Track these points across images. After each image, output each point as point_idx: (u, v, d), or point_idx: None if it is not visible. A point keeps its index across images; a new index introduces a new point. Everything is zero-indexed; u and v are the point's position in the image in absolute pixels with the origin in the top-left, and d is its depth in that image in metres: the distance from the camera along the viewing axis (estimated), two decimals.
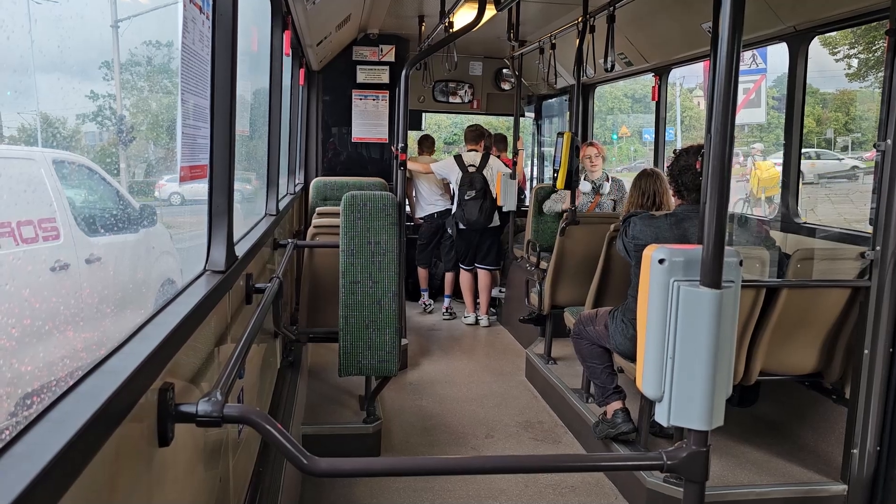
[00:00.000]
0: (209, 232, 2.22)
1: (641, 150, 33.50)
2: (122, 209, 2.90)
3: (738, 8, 1.43)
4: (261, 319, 2.32)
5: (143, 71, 2.13)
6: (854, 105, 24.75)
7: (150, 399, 1.34)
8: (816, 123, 24.71)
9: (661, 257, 1.50)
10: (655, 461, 1.58)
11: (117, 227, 3.00)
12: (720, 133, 1.45)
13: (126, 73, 1.93)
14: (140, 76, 2.13)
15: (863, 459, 3.21)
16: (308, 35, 5.43)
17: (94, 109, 1.76)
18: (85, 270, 2.62)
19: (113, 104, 1.85)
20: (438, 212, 7.38)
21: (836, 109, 25.58)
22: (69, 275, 2.52)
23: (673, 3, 4.99)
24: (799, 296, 3.33)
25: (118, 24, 1.72)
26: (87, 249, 2.65)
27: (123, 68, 1.87)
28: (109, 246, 2.92)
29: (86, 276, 2.64)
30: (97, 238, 2.87)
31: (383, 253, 3.86)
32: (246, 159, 4.14)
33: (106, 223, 2.96)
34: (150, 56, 2.08)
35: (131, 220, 2.12)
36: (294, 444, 1.51)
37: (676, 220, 3.43)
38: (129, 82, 2.03)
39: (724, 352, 1.49)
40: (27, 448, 0.92)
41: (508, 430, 4.54)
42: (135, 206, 2.38)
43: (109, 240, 3.06)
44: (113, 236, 3.10)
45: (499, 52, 8.10)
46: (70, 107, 1.80)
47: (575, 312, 4.52)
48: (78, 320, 2.13)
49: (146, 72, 2.15)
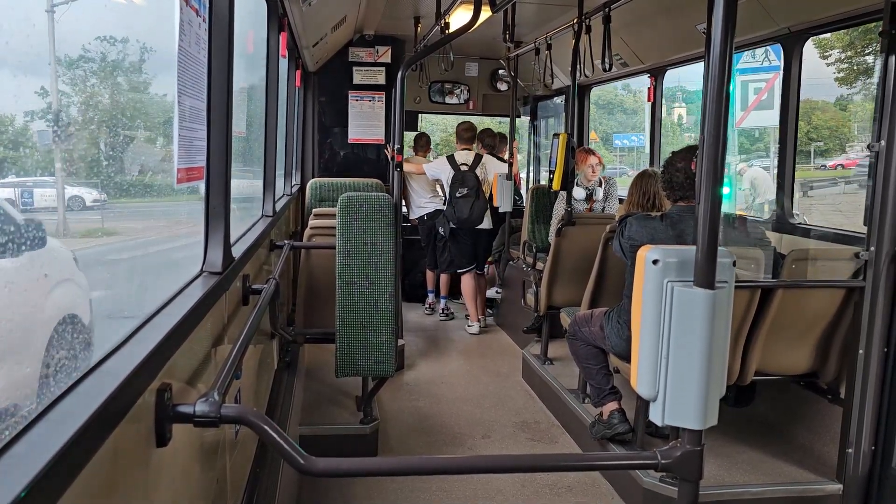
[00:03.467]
0: (206, 233, 2.23)
1: (608, 156, 33.36)
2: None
3: (730, 9, 1.44)
4: (258, 320, 2.33)
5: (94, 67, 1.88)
6: (815, 113, 25.00)
7: (147, 400, 1.35)
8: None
9: (654, 258, 1.52)
10: (650, 460, 1.59)
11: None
12: (713, 134, 1.46)
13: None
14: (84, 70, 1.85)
15: (858, 459, 3.23)
16: (304, 36, 5.43)
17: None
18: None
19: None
20: (428, 213, 7.37)
21: (801, 118, 26.01)
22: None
23: (668, 5, 5.01)
24: (794, 296, 3.35)
25: (54, 9, 1.53)
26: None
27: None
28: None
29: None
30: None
31: (380, 254, 3.86)
32: (242, 160, 4.13)
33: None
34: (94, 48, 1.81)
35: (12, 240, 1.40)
36: (291, 445, 1.52)
37: (672, 221, 3.44)
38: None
39: (717, 352, 1.50)
40: (27, 448, 0.93)
41: (505, 430, 4.55)
42: (17, 221, 1.68)
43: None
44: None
45: (495, 52, 8.11)
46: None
47: (571, 313, 4.53)
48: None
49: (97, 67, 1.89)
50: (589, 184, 5.97)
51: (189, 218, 2.47)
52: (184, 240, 2.60)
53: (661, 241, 3.41)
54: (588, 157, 5.94)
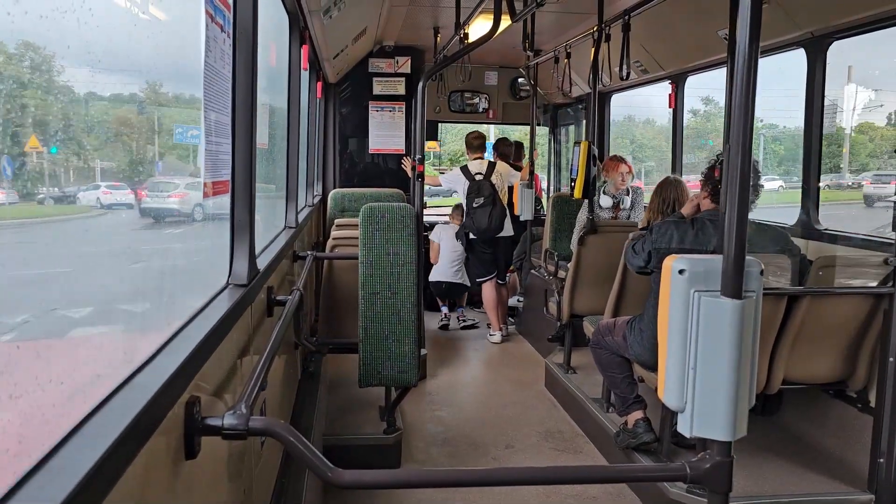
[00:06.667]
0: (231, 245, 2.25)
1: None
2: None
3: (755, 14, 1.42)
4: (282, 331, 2.34)
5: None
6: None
7: (177, 413, 1.36)
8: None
9: (681, 268, 1.50)
10: (678, 472, 1.58)
11: None
12: (739, 142, 1.45)
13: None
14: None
15: (890, 468, 3.17)
16: (325, 48, 5.48)
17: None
18: None
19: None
20: (446, 282, 7.28)
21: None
22: None
23: (688, 11, 4.99)
24: (821, 303, 3.30)
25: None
26: None
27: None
28: None
29: None
30: None
31: (402, 264, 3.87)
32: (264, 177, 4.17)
33: None
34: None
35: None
36: (318, 457, 1.53)
37: (702, 225, 3.43)
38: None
39: (746, 362, 1.48)
40: (63, 462, 0.94)
41: (529, 440, 4.53)
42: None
43: None
44: None
45: (514, 61, 8.12)
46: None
47: (594, 322, 4.50)
48: None
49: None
50: (618, 192, 5.94)
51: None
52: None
53: (688, 245, 3.40)
54: (619, 165, 5.91)
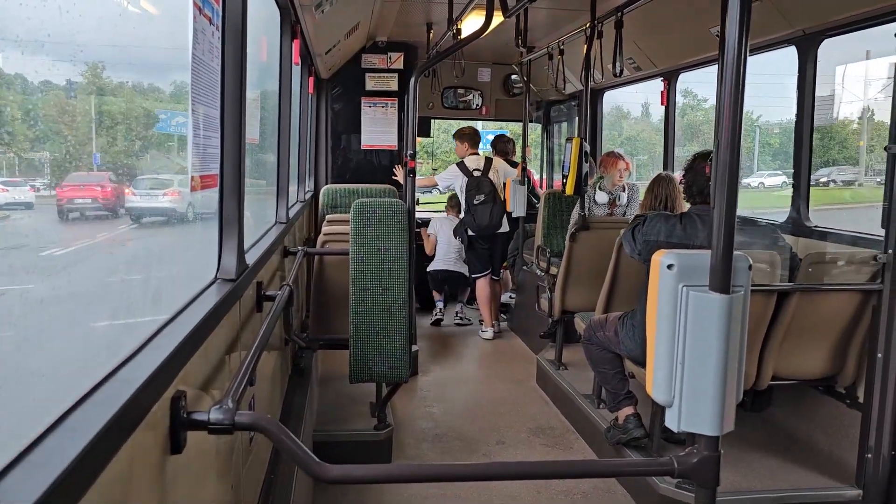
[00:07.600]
0: (220, 240, 2.23)
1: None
2: None
3: (745, 12, 1.42)
4: (271, 327, 2.33)
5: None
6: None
7: (162, 407, 1.35)
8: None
9: (669, 262, 1.50)
10: (666, 466, 1.58)
11: None
12: (728, 139, 1.45)
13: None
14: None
15: (877, 464, 3.19)
16: (317, 43, 5.45)
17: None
18: None
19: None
20: (445, 270, 7.31)
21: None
22: None
23: (681, 8, 4.99)
24: (810, 299, 3.32)
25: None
26: None
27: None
28: None
29: None
30: None
31: (393, 260, 3.86)
32: (255, 168, 4.15)
33: None
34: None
35: None
36: (305, 452, 1.52)
37: (690, 220, 3.45)
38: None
39: (734, 357, 1.48)
40: (43, 456, 0.93)
41: (520, 436, 4.53)
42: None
43: None
44: None
45: (507, 57, 8.10)
46: None
47: (585, 317, 4.51)
48: None
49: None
50: (614, 188, 5.95)
51: None
52: None
53: (676, 239, 3.42)
54: (617, 161, 5.92)
